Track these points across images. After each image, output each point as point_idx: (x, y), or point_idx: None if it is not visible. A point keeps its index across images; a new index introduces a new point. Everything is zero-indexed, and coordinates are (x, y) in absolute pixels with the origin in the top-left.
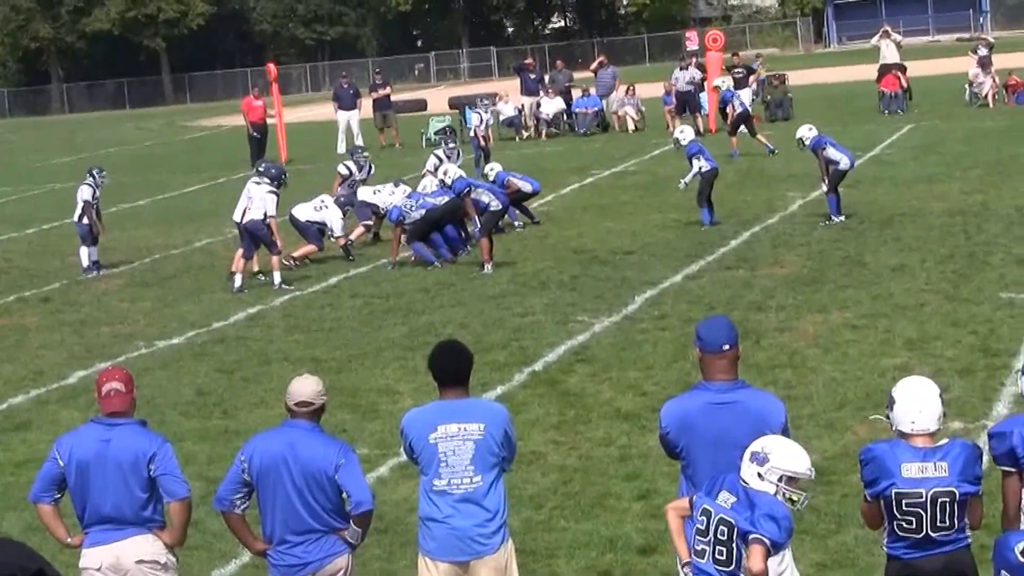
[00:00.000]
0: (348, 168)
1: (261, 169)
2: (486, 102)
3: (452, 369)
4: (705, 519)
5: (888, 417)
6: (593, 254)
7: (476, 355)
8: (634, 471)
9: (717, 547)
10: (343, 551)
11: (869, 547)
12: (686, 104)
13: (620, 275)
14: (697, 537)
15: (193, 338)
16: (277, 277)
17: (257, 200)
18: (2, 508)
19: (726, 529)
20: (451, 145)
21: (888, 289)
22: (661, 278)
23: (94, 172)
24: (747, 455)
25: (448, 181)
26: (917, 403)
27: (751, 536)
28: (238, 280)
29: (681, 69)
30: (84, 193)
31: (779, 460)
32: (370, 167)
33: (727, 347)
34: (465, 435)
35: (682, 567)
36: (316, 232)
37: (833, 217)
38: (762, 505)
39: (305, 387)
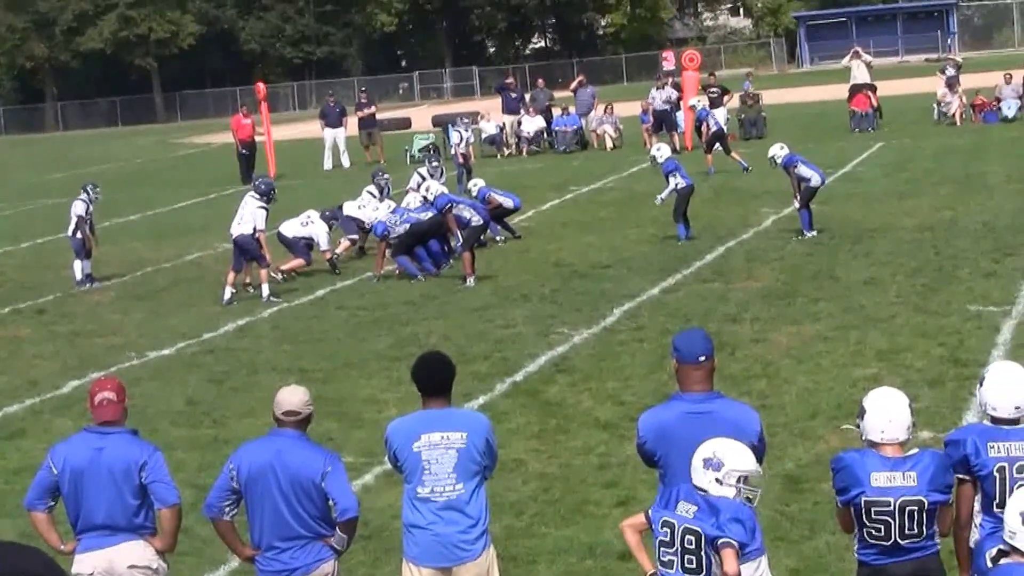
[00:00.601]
0: (371, 193)
1: (254, 184)
2: (466, 120)
3: (435, 379)
4: (668, 531)
5: (859, 427)
6: (573, 268)
7: (459, 366)
8: (613, 479)
9: (686, 556)
10: (329, 557)
11: (841, 553)
12: (662, 122)
13: (599, 288)
14: (663, 549)
15: (183, 349)
16: (265, 289)
17: (247, 214)
18: None
19: (693, 538)
20: (434, 163)
21: (859, 302)
22: (639, 291)
23: (88, 188)
24: (698, 463)
25: (430, 197)
26: (887, 413)
27: (720, 541)
28: (227, 293)
29: (657, 88)
30: (78, 208)
31: (734, 462)
32: (389, 189)
33: (703, 359)
34: (448, 444)
35: None
36: (304, 247)
37: (805, 232)
38: (725, 510)
39: (292, 397)
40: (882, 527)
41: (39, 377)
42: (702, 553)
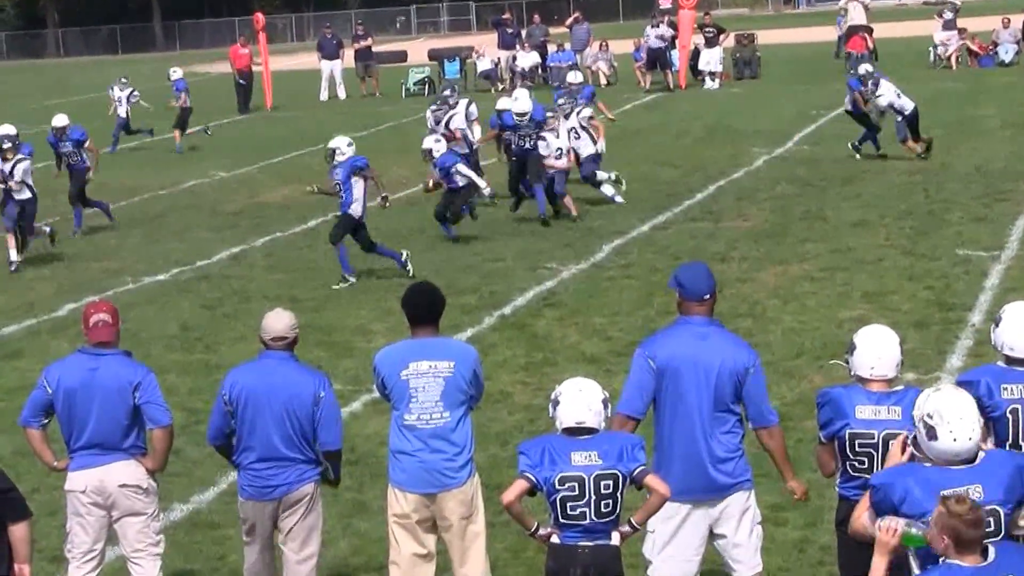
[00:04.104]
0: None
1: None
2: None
3: (424, 309)
4: (575, 484)
5: (848, 362)
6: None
7: (448, 298)
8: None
9: (602, 502)
10: (311, 479)
11: (821, 490)
12: (656, 61)
13: (588, 225)
14: (570, 504)
15: (178, 275)
16: None
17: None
18: None
19: (611, 482)
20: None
21: (847, 243)
22: (628, 228)
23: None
24: (584, 404)
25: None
26: (877, 349)
27: (638, 471)
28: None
29: (652, 27)
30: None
31: (596, 389)
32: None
33: (707, 296)
34: (435, 372)
35: (535, 535)
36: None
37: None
38: (620, 443)
39: (279, 322)
40: (865, 459)
41: (36, 299)
42: (618, 495)
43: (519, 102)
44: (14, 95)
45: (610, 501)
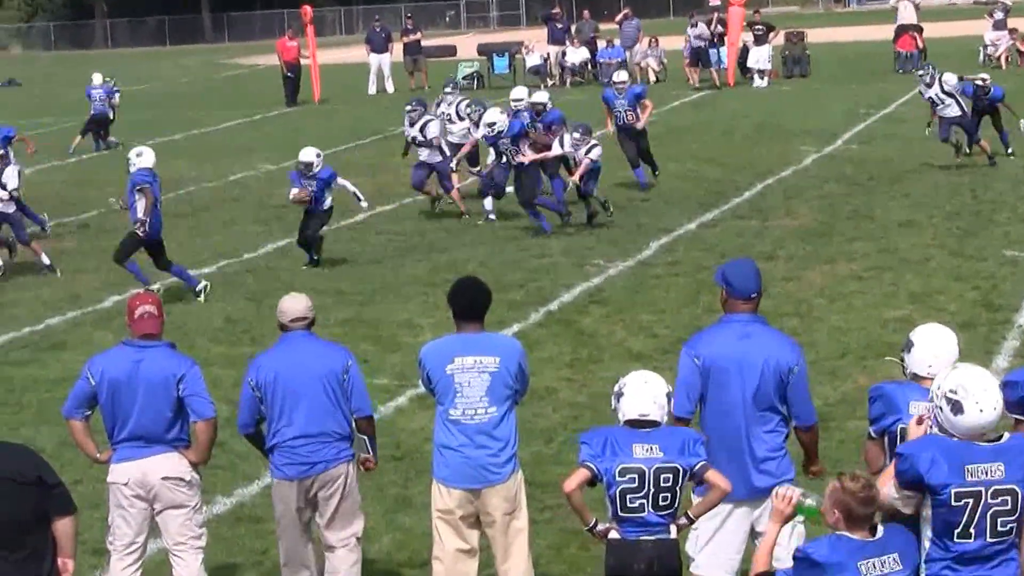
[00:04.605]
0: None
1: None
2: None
3: (471, 304)
4: (635, 476)
5: (903, 360)
6: (610, 199)
7: (494, 293)
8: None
9: (660, 495)
10: (348, 458)
11: None
12: (698, 59)
13: (636, 221)
14: (629, 496)
15: (224, 267)
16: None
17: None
18: (37, 423)
19: (671, 475)
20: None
21: (895, 243)
22: (676, 225)
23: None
24: (649, 397)
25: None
26: (935, 348)
27: (699, 466)
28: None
29: (691, 26)
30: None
31: (661, 383)
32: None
33: (754, 295)
34: (481, 367)
35: (593, 530)
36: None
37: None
38: (681, 437)
39: (298, 303)
40: None
41: (81, 291)
42: (678, 488)
43: (487, 113)
44: (60, 85)
45: (669, 495)
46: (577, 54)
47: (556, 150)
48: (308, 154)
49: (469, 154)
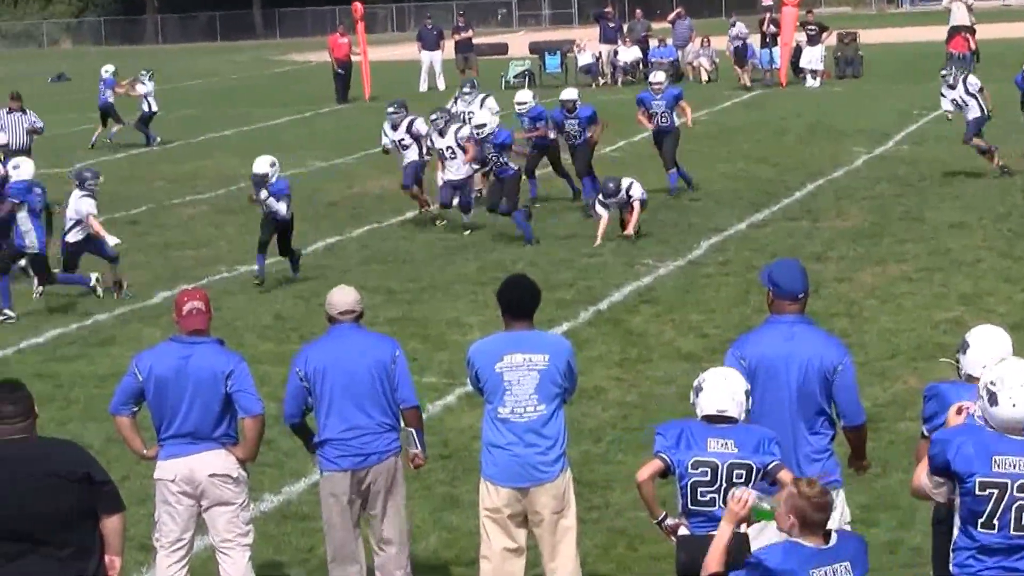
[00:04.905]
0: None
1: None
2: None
3: (520, 301)
4: (708, 470)
5: (959, 361)
6: (660, 199)
7: (543, 292)
8: (691, 410)
9: (731, 491)
10: (396, 450)
11: None
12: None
13: (686, 221)
14: (701, 489)
15: (273, 264)
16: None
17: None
18: (85, 419)
19: (744, 472)
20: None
21: (945, 244)
22: (726, 225)
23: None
24: (727, 393)
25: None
26: (990, 349)
27: (772, 466)
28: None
29: (731, 26)
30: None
31: (740, 379)
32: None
33: (801, 295)
34: (530, 365)
35: (662, 524)
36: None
37: None
38: (757, 436)
39: (347, 296)
40: None
41: (130, 286)
42: (750, 485)
43: (477, 115)
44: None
45: None
46: (629, 53)
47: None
48: (262, 165)
49: (541, 157)
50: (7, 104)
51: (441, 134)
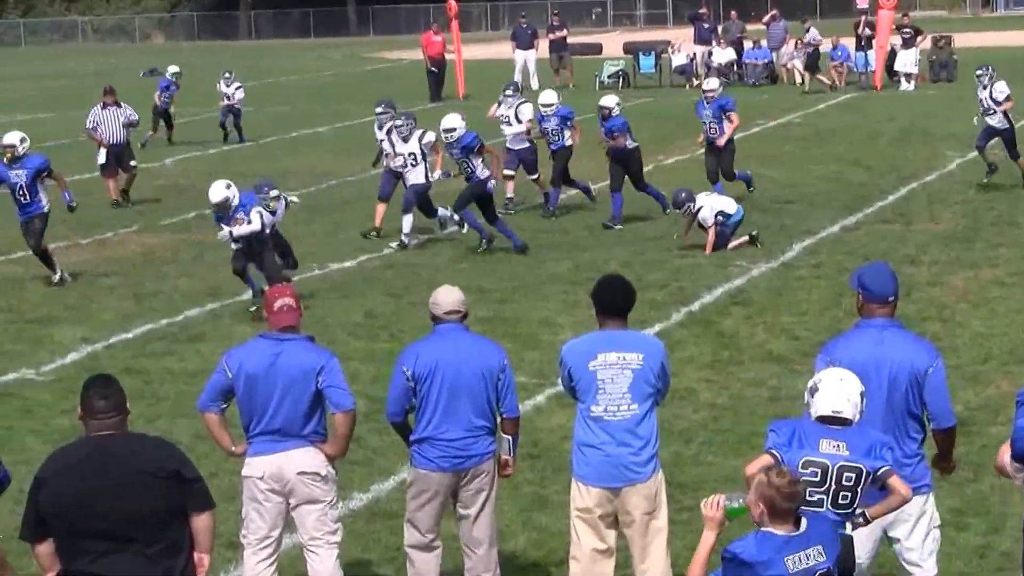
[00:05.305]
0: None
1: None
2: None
3: (616, 301)
4: (818, 471)
5: None
6: (754, 201)
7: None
8: (782, 412)
9: (840, 493)
10: (493, 453)
11: (1005, 496)
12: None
13: (779, 223)
14: (810, 489)
15: (364, 262)
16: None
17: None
18: (174, 415)
19: (853, 475)
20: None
21: None
22: (819, 228)
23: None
24: (843, 395)
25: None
26: None
27: (882, 471)
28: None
29: (806, 32)
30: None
31: (856, 381)
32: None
33: (891, 298)
34: (624, 364)
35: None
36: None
37: None
38: (870, 440)
39: (452, 295)
40: None
41: (220, 283)
42: (859, 488)
43: (445, 118)
44: (200, 77)
45: (849, 494)
46: (723, 54)
47: (483, 173)
48: (217, 192)
49: (529, 162)
50: (102, 99)
51: (405, 140)
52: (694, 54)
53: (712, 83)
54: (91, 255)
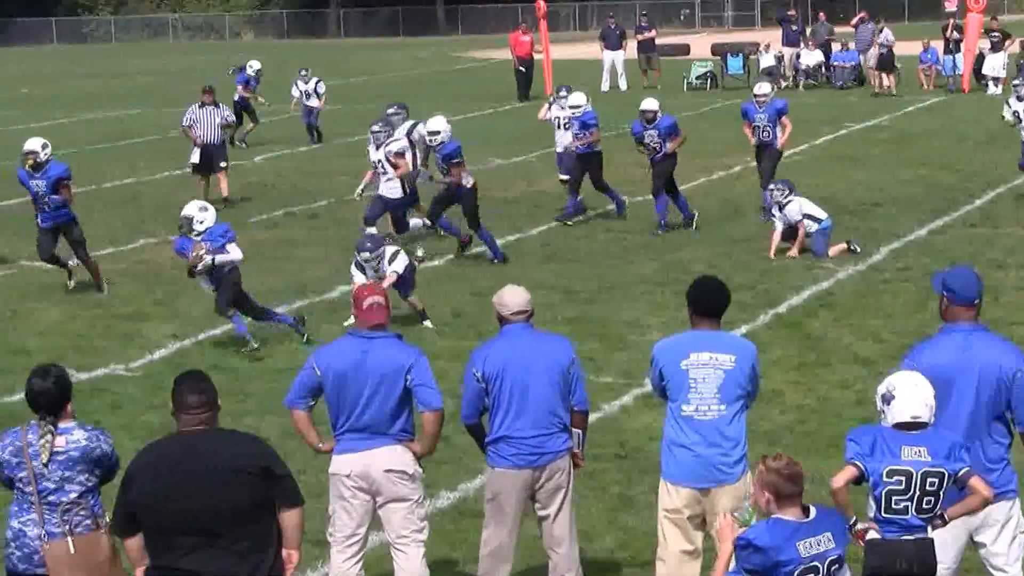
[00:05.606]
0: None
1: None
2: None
3: (712, 301)
4: (903, 478)
5: None
6: (841, 204)
7: None
8: (870, 416)
9: (924, 499)
10: (568, 450)
11: None
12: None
13: (866, 226)
14: (895, 498)
15: (451, 261)
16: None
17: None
18: (262, 412)
19: (936, 480)
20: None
21: None
22: (906, 231)
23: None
24: (920, 400)
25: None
26: None
27: (963, 472)
28: None
29: (879, 32)
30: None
31: (928, 384)
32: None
33: (976, 301)
34: (716, 364)
35: (852, 529)
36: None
37: None
38: (949, 443)
39: (519, 296)
40: None
41: (308, 281)
42: (941, 492)
43: (430, 121)
44: (290, 74)
45: (932, 499)
46: (811, 56)
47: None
48: (191, 208)
49: (585, 170)
50: (200, 98)
51: (377, 147)
52: (782, 55)
53: (764, 87)
54: None
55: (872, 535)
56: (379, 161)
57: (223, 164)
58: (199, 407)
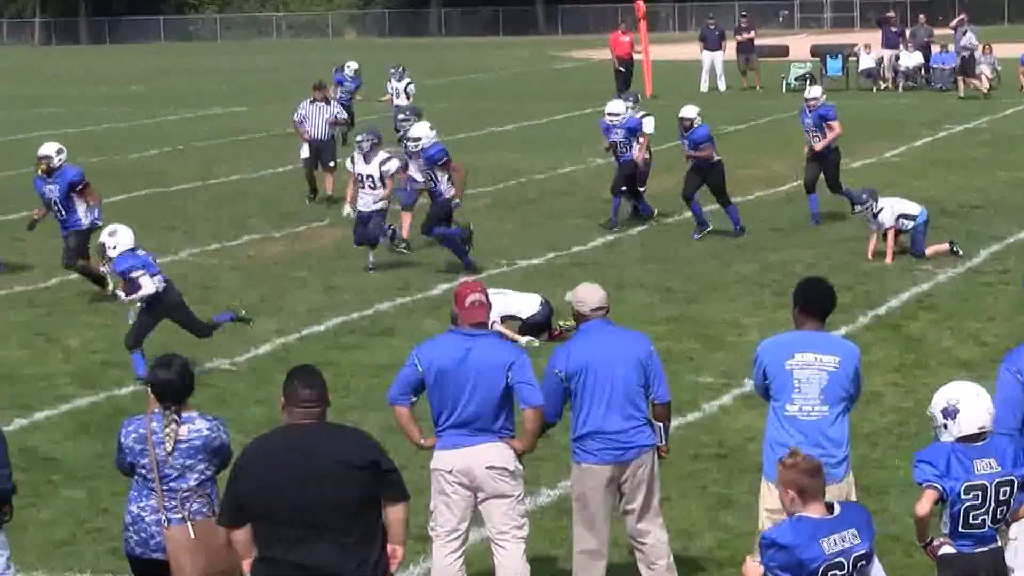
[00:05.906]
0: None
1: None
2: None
3: (818, 302)
4: (980, 493)
5: None
6: (940, 206)
7: None
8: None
9: (999, 509)
10: (653, 444)
11: None
12: (966, 69)
13: (966, 228)
14: (972, 513)
15: (552, 260)
16: None
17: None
18: (364, 408)
19: (1008, 488)
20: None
21: None
22: (1006, 234)
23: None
24: (984, 409)
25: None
26: None
27: None
28: None
29: (963, 35)
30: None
31: (984, 391)
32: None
33: None
34: (820, 365)
35: (928, 547)
36: None
37: None
38: (1010, 445)
39: (596, 293)
40: None
41: (412, 278)
42: (1012, 500)
43: (414, 127)
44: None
45: (1005, 507)
46: (911, 58)
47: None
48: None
49: (633, 174)
50: (312, 94)
51: (366, 160)
52: (881, 57)
53: (815, 91)
54: (284, 248)
55: (946, 549)
56: (368, 176)
57: (331, 163)
58: (311, 401)
